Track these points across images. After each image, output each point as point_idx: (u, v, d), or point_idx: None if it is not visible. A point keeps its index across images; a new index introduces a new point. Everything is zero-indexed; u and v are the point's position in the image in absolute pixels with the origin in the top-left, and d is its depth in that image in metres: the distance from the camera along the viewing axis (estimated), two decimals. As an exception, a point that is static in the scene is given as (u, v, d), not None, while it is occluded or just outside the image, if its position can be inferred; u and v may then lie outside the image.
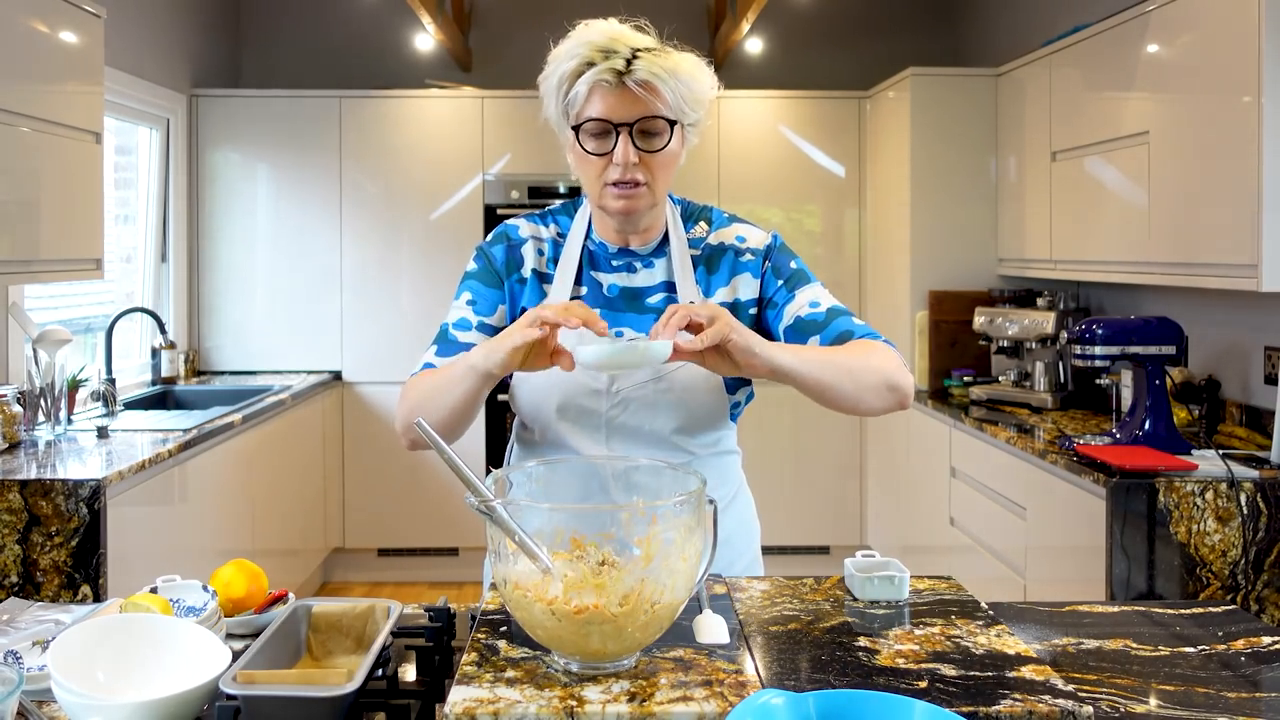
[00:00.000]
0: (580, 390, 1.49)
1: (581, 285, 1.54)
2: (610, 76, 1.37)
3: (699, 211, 1.61)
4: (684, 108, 1.42)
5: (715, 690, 1.02)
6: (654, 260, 1.55)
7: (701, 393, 1.50)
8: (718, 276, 1.55)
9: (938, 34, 5.22)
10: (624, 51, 1.38)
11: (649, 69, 1.38)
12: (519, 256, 1.56)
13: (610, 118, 1.40)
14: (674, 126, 1.43)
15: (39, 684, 1.16)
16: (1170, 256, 2.86)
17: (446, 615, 1.33)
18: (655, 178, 1.44)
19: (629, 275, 1.54)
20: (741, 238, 1.58)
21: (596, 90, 1.39)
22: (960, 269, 4.15)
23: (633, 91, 1.38)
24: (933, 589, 1.39)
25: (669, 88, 1.39)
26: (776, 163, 4.77)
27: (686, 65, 1.42)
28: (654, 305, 1.53)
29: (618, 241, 1.54)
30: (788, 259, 1.58)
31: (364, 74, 5.10)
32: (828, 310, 1.54)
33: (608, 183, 1.43)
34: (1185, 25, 2.78)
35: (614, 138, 1.41)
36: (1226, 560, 2.46)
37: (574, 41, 1.41)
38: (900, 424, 4.28)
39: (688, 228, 1.58)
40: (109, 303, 4.08)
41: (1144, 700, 1.17)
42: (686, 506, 1.09)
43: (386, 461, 4.67)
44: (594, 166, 1.44)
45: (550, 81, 1.44)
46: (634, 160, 1.41)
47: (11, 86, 2.67)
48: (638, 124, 1.40)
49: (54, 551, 2.46)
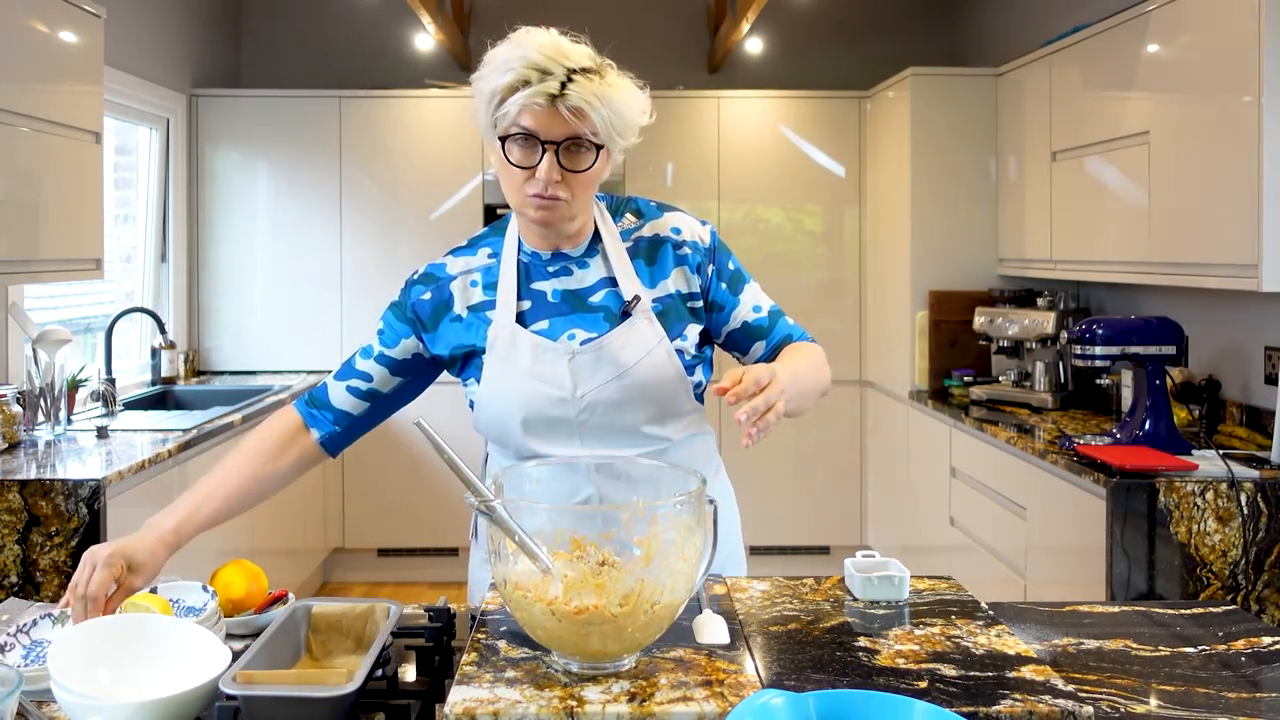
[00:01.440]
0: (544, 401, 1.48)
1: (523, 299, 1.53)
2: (543, 100, 1.36)
3: (624, 204, 1.61)
4: (613, 134, 1.41)
5: (715, 690, 1.02)
6: (587, 260, 1.55)
7: (664, 381, 1.50)
8: (658, 269, 1.55)
9: (938, 34, 5.22)
10: (559, 73, 1.37)
11: (583, 96, 1.36)
12: (447, 295, 1.56)
13: (538, 133, 1.39)
14: (600, 149, 1.42)
15: (39, 684, 1.16)
16: (1170, 256, 2.86)
17: (446, 615, 1.33)
18: (576, 195, 1.44)
19: (567, 279, 1.54)
20: (677, 229, 1.58)
21: (528, 109, 1.38)
22: (960, 269, 4.15)
23: (563, 114, 1.37)
24: (933, 589, 1.39)
25: (600, 116, 1.38)
26: (776, 163, 4.77)
27: (621, 93, 1.41)
28: (599, 304, 1.52)
29: (549, 247, 1.54)
30: (727, 258, 1.60)
31: (364, 74, 5.10)
32: (769, 313, 1.61)
33: (529, 194, 1.43)
34: (1185, 25, 2.78)
35: (539, 152, 1.40)
36: (1227, 560, 2.46)
37: (511, 54, 1.40)
38: (900, 424, 4.28)
39: (616, 220, 1.58)
40: (109, 303, 4.08)
41: (1144, 700, 1.17)
42: (686, 506, 1.09)
43: (386, 461, 4.67)
44: (517, 176, 1.43)
45: (482, 89, 1.43)
46: (557, 178, 1.40)
47: (11, 86, 2.67)
48: (564, 143, 1.39)
49: (54, 551, 2.46)
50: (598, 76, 1.40)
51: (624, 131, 1.43)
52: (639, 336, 1.49)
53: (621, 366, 1.48)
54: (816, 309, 4.76)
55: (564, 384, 1.48)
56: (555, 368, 1.48)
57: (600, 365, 1.48)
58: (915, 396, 4.07)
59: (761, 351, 1.60)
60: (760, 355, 1.60)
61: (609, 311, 1.51)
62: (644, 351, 1.49)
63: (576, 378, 1.48)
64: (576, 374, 1.48)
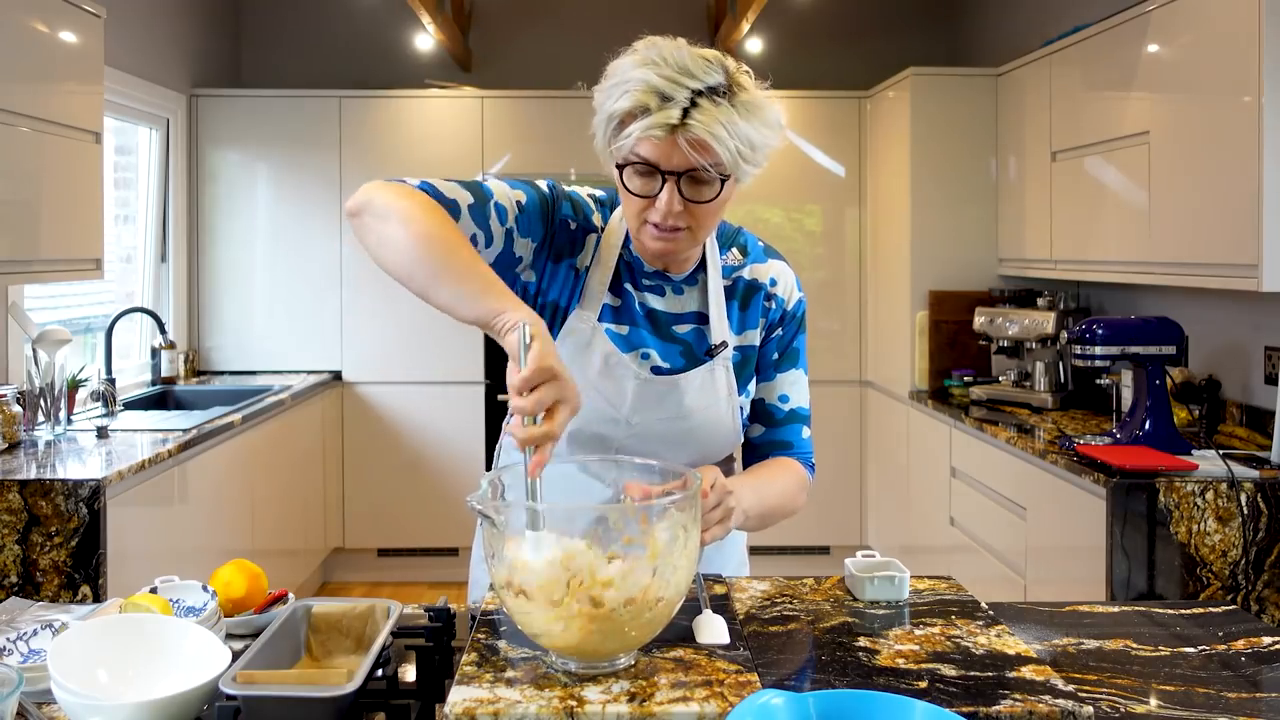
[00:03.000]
0: (598, 418, 1.42)
1: (618, 296, 1.45)
2: (661, 131, 1.25)
3: (732, 236, 1.53)
4: (740, 165, 1.29)
5: (715, 690, 1.02)
6: (685, 287, 1.47)
7: (720, 434, 1.46)
8: (749, 316, 1.49)
9: (938, 34, 5.22)
10: (681, 98, 1.25)
11: (706, 127, 1.24)
12: (582, 242, 1.45)
13: (658, 164, 1.28)
14: (725, 179, 1.31)
15: (39, 685, 1.16)
16: (1170, 256, 2.86)
17: (446, 615, 1.33)
18: (699, 224, 1.34)
19: (659, 297, 1.46)
20: (774, 280, 1.51)
21: (646, 139, 1.27)
22: (960, 269, 4.15)
23: (683, 146, 1.26)
24: (933, 589, 1.39)
25: (726, 147, 1.26)
26: (776, 163, 4.69)
27: (752, 116, 1.29)
28: (682, 335, 1.45)
29: (653, 263, 1.46)
30: (798, 333, 1.53)
31: (364, 74, 5.10)
32: (788, 411, 1.52)
33: (649, 221, 1.33)
34: (1185, 25, 2.78)
35: (660, 182, 1.30)
36: (1227, 560, 2.46)
37: (631, 73, 1.28)
38: (900, 424, 4.28)
39: (722, 253, 1.50)
40: (109, 303, 4.08)
41: (1144, 700, 1.17)
42: (687, 503, 1.09)
43: (386, 461, 4.67)
44: (636, 204, 1.33)
45: (601, 110, 1.33)
46: (678, 208, 1.30)
47: (11, 86, 2.67)
48: (686, 173, 1.29)
49: (54, 551, 2.46)
50: (727, 97, 1.28)
51: (753, 160, 1.31)
52: (712, 385, 1.44)
53: (685, 409, 1.42)
54: (816, 309, 4.76)
55: (622, 405, 1.42)
56: (620, 385, 1.42)
57: (665, 401, 1.42)
58: (915, 396, 4.07)
59: (757, 435, 1.54)
60: (754, 438, 1.54)
61: (689, 347, 1.45)
62: (711, 401, 1.44)
63: (637, 403, 1.42)
64: (638, 399, 1.42)
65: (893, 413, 4.40)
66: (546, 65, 5.09)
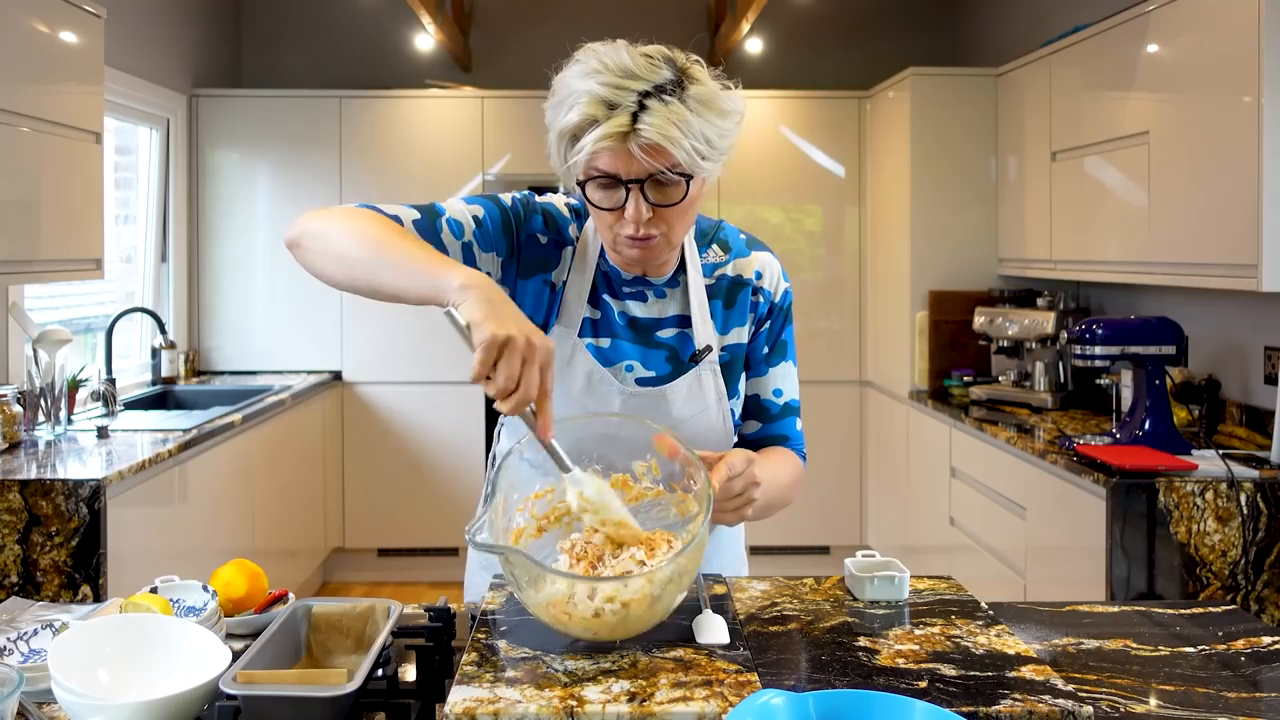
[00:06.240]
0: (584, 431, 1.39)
1: (597, 309, 1.42)
2: (613, 142, 1.21)
3: (712, 232, 1.49)
4: (699, 163, 1.24)
5: (715, 690, 1.02)
6: (667, 290, 1.44)
7: (711, 438, 1.43)
8: (734, 314, 1.46)
9: (938, 34, 5.22)
10: (629, 102, 1.21)
11: (659, 131, 1.20)
12: (557, 257, 1.42)
13: (618, 174, 1.24)
14: (690, 179, 1.27)
15: (39, 684, 1.16)
16: (1170, 256, 2.86)
17: (446, 615, 1.33)
18: (672, 227, 1.30)
19: (641, 304, 1.43)
20: (760, 273, 1.47)
21: (600, 151, 1.23)
22: (960, 269, 4.15)
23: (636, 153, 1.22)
24: (933, 589, 1.39)
25: (681, 148, 1.21)
26: (776, 163, 4.77)
27: (704, 109, 1.24)
28: (665, 340, 1.43)
29: (631, 270, 1.42)
30: (785, 325, 1.51)
31: (364, 74, 5.10)
32: (783, 405, 1.50)
33: (622, 235, 1.30)
34: (1185, 25, 2.78)
35: (624, 192, 1.26)
36: (1226, 560, 2.46)
37: (575, 85, 1.25)
38: (900, 424, 4.28)
39: (702, 251, 1.46)
40: (109, 303, 4.08)
41: (1144, 700, 1.17)
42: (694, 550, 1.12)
43: (386, 461, 4.67)
44: (605, 218, 1.30)
45: (552, 129, 1.29)
46: (648, 215, 1.26)
47: (11, 86, 2.67)
48: (649, 179, 1.25)
49: (54, 551, 2.46)
50: (677, 93, 1.23)
51: (713, 155, 1.26)
52: (700, 390, 1.41)
53: (674, 419, 1.39)
54: (816, 309, 4.77)
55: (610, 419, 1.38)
56: (606, 402, 1.39)
57: (654, 412, 1.38)
58: (915, 396, 4.07)
59: (753, 431, 1.51)
60: (750, 434, 1.51)
61: (673, 352, 1.42)
62: (701, 408, 1.41)
63: None
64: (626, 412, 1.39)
65: (893, 413, 4.40)
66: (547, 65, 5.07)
